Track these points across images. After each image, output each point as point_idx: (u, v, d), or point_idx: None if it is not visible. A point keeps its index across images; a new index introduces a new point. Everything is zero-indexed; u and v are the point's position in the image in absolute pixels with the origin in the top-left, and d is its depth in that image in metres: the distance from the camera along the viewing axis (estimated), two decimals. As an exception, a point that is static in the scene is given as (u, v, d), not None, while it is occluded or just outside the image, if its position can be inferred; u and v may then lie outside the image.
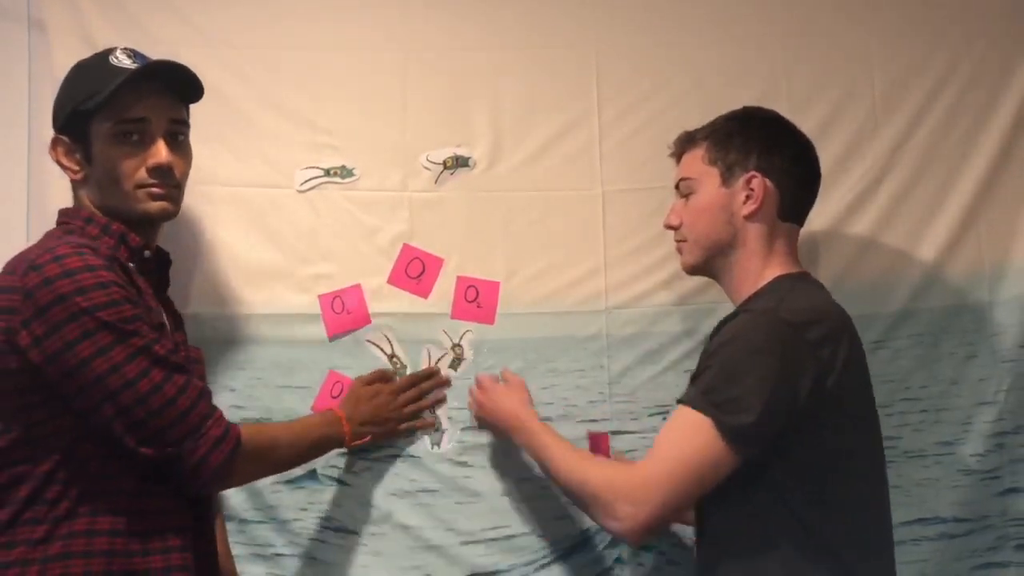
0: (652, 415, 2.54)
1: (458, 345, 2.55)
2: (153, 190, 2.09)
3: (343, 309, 2.53)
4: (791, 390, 1.94)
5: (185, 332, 2.29)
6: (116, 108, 2.07)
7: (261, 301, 2.52)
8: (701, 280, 2.50)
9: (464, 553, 2.48)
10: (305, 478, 2.47)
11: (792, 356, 1.96)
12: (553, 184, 2.64)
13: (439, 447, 2.52)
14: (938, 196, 2.63)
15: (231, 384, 2.49)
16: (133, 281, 2.02)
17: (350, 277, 2.56)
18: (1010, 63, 2.66)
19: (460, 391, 2.54)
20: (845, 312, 2.13)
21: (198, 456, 1.95)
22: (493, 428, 2.48)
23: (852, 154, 2.63)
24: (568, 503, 2.49)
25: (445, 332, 2.56)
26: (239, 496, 2.44)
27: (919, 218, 2.62)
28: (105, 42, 2.26)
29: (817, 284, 2.21)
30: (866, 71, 2.68)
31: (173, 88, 2.15)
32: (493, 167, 2.64)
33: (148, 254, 2.14)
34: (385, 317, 2.55)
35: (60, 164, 2.15)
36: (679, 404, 2.02)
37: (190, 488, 2.01)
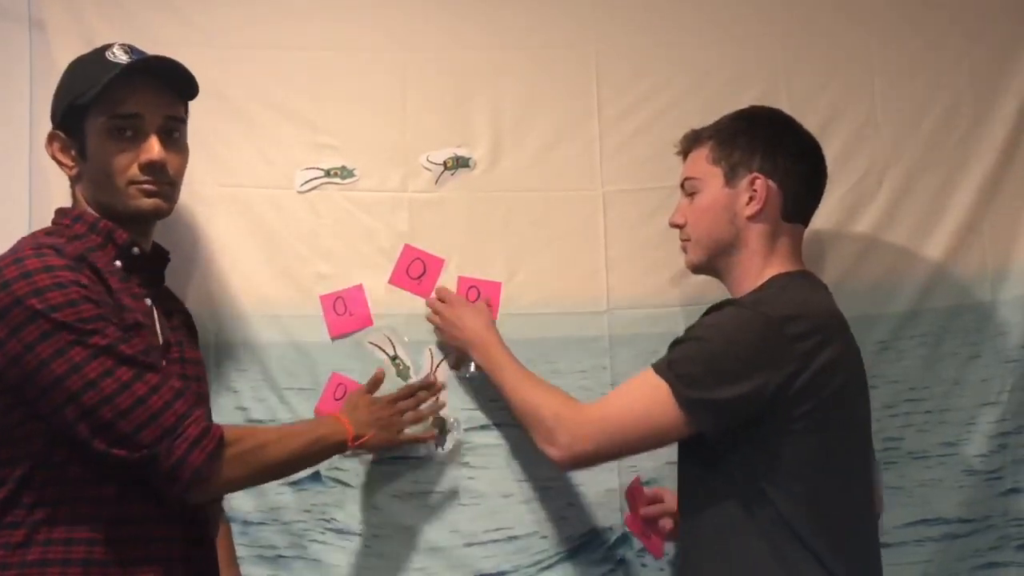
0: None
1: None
2: (146, 186, 2.07)
3: (345, 310, 2.52)
4: (757, 381, 1.96)
5: (191, 331, 2.29)
6: (110, 103, 2.05)
7: (262, 302, 2.51)
8: (702, 281, 2.49)
9: (467, 554, 2.48)
10: (308, 480, 2.46)
11: (765, 348, 1.98)
12: (553, 184, 2.63)
13: (442, 448, 2.50)
14: (939, 196, 2.63)
15: (234, 386, 2.48)
16: (104, 280, 1.98)
17: (351, 278, 2.55)
18: (1010, 63, 2.66)
19: (466, 393, 2.54)
20: (840, 314, 2.14)
21: (175, 457, 1.88)
22: (453, 343, 2.49)
23: (852, 154, 2.63)
24: (569, 504, 2.50)
25: (447, 333, 2.55)
26: (243, 498, 2.43)
27: (920, 219, 2.62)
28: (105, 41, 2.24)
29: (816, 284, 2.21)
30: (866, 71, 2.68)
31: (169, 84, 2.13)
32: (493, 167, 2.63)
33: (136, 251, 2.11)
34: (387, 318, 2.54)
35: (56, 160, 2.13)
36: (649, 367, 2.08)
37: (170, 492, 1.92)
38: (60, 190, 2.19)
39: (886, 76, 2.68)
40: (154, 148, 2.06)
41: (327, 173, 2.58)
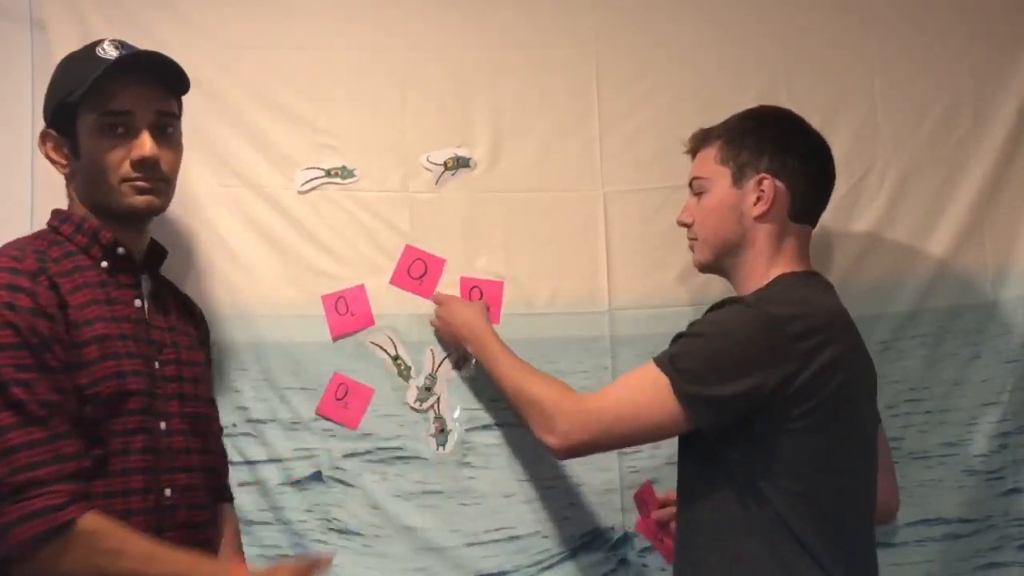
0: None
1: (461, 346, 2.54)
2: (138, 184, 2.05)
3: (347, 310, 2.52)
4: (757, 379, 1.96)
5: (194, 330, 2.28)
6: (101, 100, 2.03)
7: (263, 302, 2.51)
8: (704, 280, 2.51)
9: (468, 555, 2.48)
10: (310, 480, 2.47)
11: (766, 347, 1.98)
12: (554, 184, 2.63)
13: (444, 448, 2.51)
14: (940, 197, 2.63)
15: (236, 386, 2.47)
16: (60, 295, 1.94)
17: (351, 278, 2.55)
18: (1010, 63, 2.66)
19: (465, 393, 2.54)
20: (845, 314, 2.13)
21: (2, 522, 1.78)
22: (450, 339, 2.51)
23: (852, 154, 2.62)
24: (570, 504, 2.51)
25: (448, 333, 2.55)
26: (245, 497, 2.43)
27: (921, 219, 2.62)
28: (105, 41, 2.26)
29: (823, 284, 2.20)
30: (866, 71, 2.68)
31: (161, 80, 2.11)
32: (494, 167, 2.63)
33: (121, 251, 2.09)
34: (388, 318, 2.54)
35: (49, 159, 2.12)
36: (650, 360, 2.07)
37: None
38: (62, 190, 2.17)
39: (886, 76, 2.67)
40: (146, 144, 2.04)
41: (327, 173, 2.58)
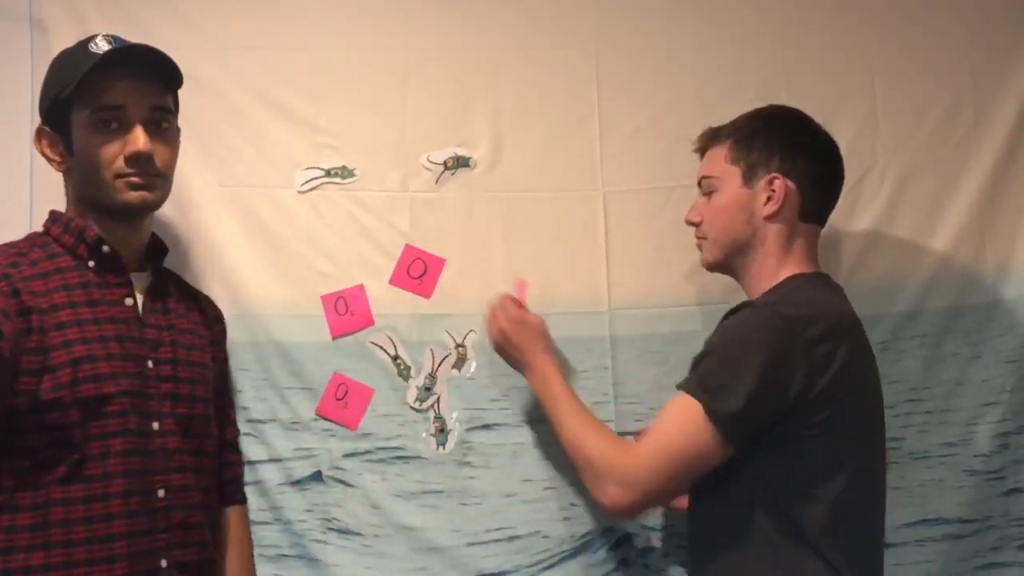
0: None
1: (461, 346, 2.54)
2: (132, 179, 2.04)
3: (346, 310, 2.52)
4: (780, 383, 1.95)
5: (204, 329, 2.29)
6: (93, 95, 2.02)
7: (263, 302, 2.51)
8: (704, 280, 2.52)
9: (468, 554, 2.48)
10: (310, 480, 2.47)
11: (785, 350, 1.97)
12: (554, 184, 2.63)
13: (444, 448, 2.51)
14: (940, 197, 2.63)
15: (237, 385, 2.47)
16: (21, 300, 1.94)
17: (352, 278, 2.55)
18: (1010, 63, 2.65)
19: (465, 393, 2.54)
20: (855, 315, 2.13)
21: None
22: (507, 356, 2.41)
23: (853, 154, 2.58)
24: (571, 504, 2.50)
25: (448, 333, 2.55)
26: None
27: (921, 219, 2.62)
28: (104, 41, 2.26)
29: (832, 285, 2.20)
30: (866, 71, 2.68)
31: (155, 74, 2.10)
32: (494, 167, 2.63)
33: (107, 249, 2.08)
34: (388, 318, 2.54)
35: (45, 156, 2.12)
36: (677, 389, 2.04)
37: None
38: (61, 190, 2.18)
39: (886, 76, 2.67)
40: (139, 139, 2.04)
41: (327, 173, 2.58)
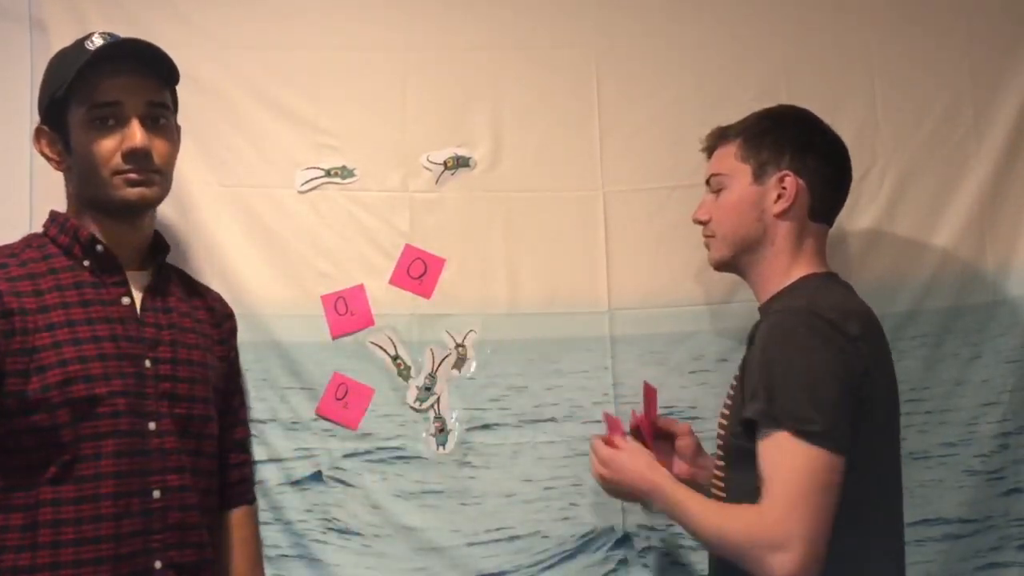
0: (657, 416, 2.53)
1: (461, 346, 2.54)
2: (130, 176, 2.04)
3: (346, 310, 2.52)
4: (852, 376, 1.93)
5: (211, 328, 2.29)
6: (89, 92, 2.02)
7: (263, 302, 2.50)
8: (704, 281, 2.52)
9: (468, 554, 2.48)
10: (310, 480, 2.47)
11: (840, 347, 1.94)
12: (554, 184, 2.63)
13: (444, 448, 2.51)
14: (940, 196, 2.63)
15: (237, 385, 2.48)
16: (3, 301, 1.96)
17: (351, 278, 2.55)
18: (1010, 63, 2.66)
19: (465, 393, 2.54)
20: (872, 311, 2.12)
21: None
22: (623, 495, 2.32)
23: (853, 154, 2.54)
24: (571, 504, 2.51)
25: (448, 333, 2.55)
26: (246, 497, 2.44)
27: (921, 219, 2.62)
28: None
29: (845, 284, 2.20)
30: (866, 71, 2.68)
31: (151, 70, 2.09)
32: (494, 167, 2.63)
33: (100, 248, 2.08)
34: (388, 318, 2.54)
35: (44, 155, 2.12)
36: (763, 429, 1.93)
37: None
38: (61, 190, 2.18)
39: (886, 76, 2.67)
40: (136, 135, 2.03)
41: (327, 173, 2.58)
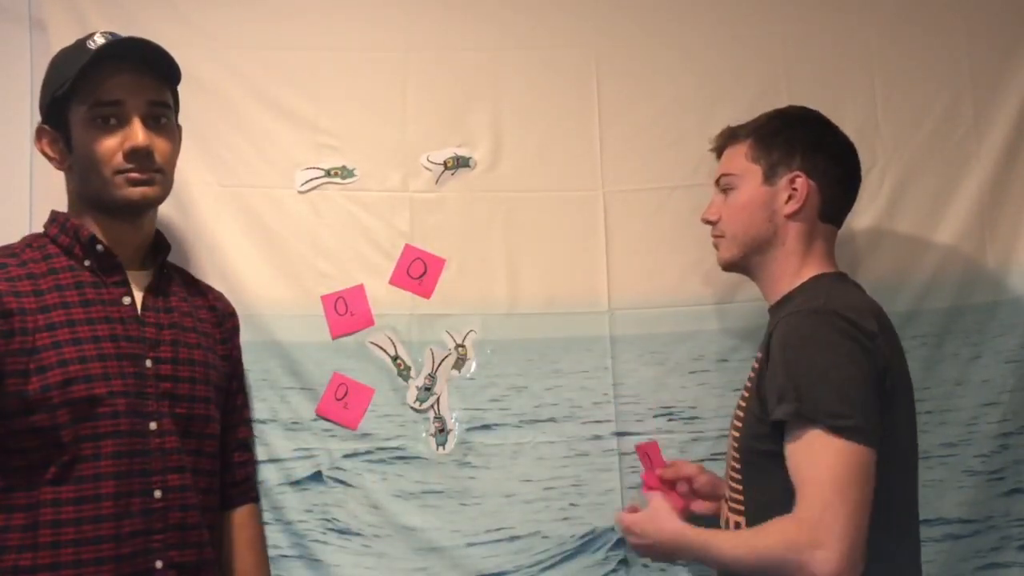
0: (657, 416, 2.55)
1: (461, 346, 2.54)
2: (132, 175, 2.04)
3: (346, 310, 2.52)
4: (876, 371, 1.94)
5: (213, 328, 2.29)
6: (90, 91, 2.02)
7: (263, 302, 2.50)
8: (705, 281, 2.53)
9: (468, 554, 2.48)
10: (310, 480, 2.47)
11: (862, 345, 1.95)
12: (554, 184, 2.63)
13: (444, 448, 2.51)
14: (940, 197, 2.63)
15: (238, 386, 2.47)
16: (2, 301, 1.96)
17: (351, 278, 2.55)
18: (1010, 63, 2.65)
19: (465, 393, 2.54)
20: (883, 309, 2.13)
21: None
22: (661, 559, 2.35)
23: None
24: (571, 504, 2.51)
25: (448, 333, 2.55)
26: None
27: (921, 219, 2.62)
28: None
29: (855, 284, 2.20)
30: (866, 71, 2.68)
31: (152, 69, 2.09)
32: (494, 167, 2.63)
33: (100, 248, 2.08)
34: (388, 318, 2.54)
35: (45, 155, 2.12)
36: (794, 430, 1.92)
37: None
38: (61, 191, 2.18)
39: (886, 76, 2.67)
40: (138, 134, 2.03)
41: (327, 173, 2.58)
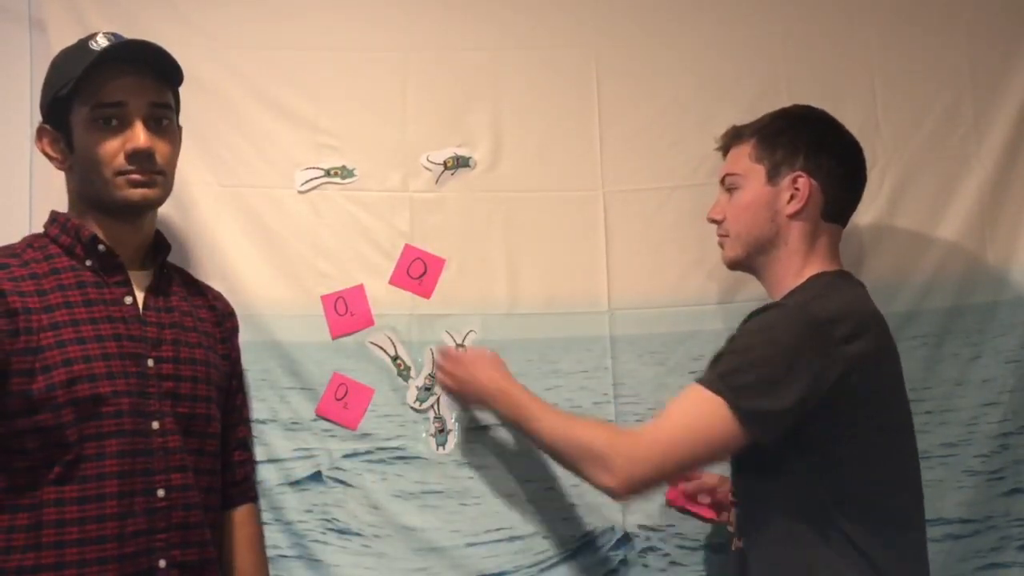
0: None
1: (461, 346, 2.54)
2: (133, 176, 2.04)
3: (346, 310, 2.52)
4: (809, 384, 1.94)
5: (213, 327, 2.29)
6: (92, 92, 2.02)
7: (262, 302, 2.50)
8: (704, 281, 2.53)
9: (468, 555, 2.48)
10: (309, 480, 2.47)
11: (816, 351, 1.96)
12: (554, 184, 2.63)
13: (444, 448, 2.51)
14: (941, 197, 2.62)
15: (238, 386, 2.47)
16: (6, 301, 1.95)
17: (351, 278, 2.55)
18: (1010, 63, 2.65)
19: (466, 393, 2.54)
20: (878, 311, 2.13)
21: None
22: (467, 398, 2.44)
23: None
24: (571, 504, 2.50)
25: (448, 333, 2.55)
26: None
27: (921, 219, 2.62)
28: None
29: (856, 283, 2.20)
30: (866, 71, 2.68)
31: (154, 70, 2.09)
32: (494, 167, 2.63)
33: (102, 248, 2.08)
34: (388, 318, 2.54)
35: (46, 154, 2.12)
36: (695, 383, 2.03)
37: None
38: (61, 191, 2.18)
39: (886, 76, 2.67)
40: (140, 136, 2.03)
41: (327, 173, 2.58)
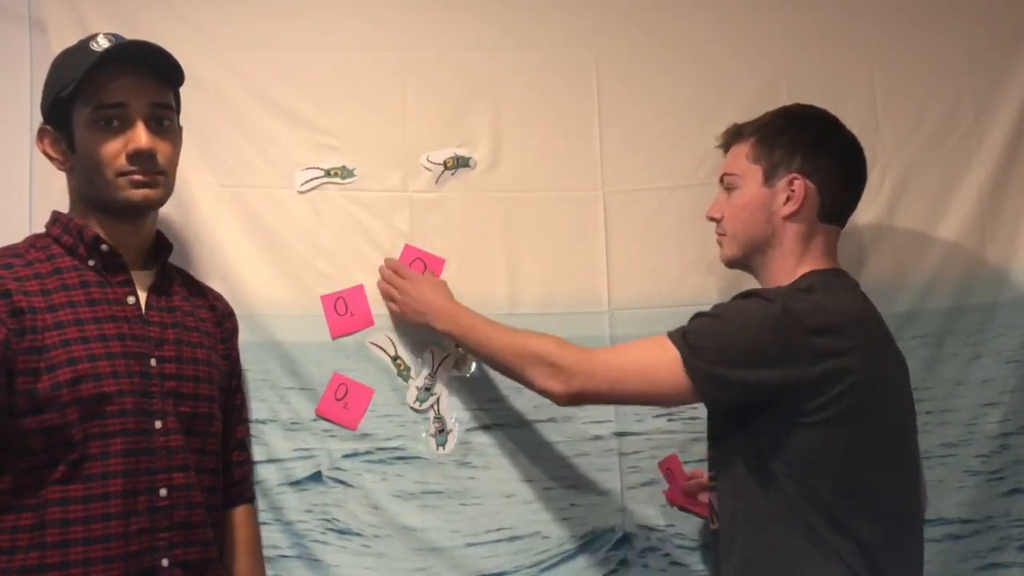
0: (657, 416, 2.54)
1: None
2: (135, 177, 2.04)
3: (346, 311, 2.51)
4: (763, 373, 1.97)
5: (213, 327, 2.29)
6: (94, 93, 2.02)
7: (262, 302, 2.49)
8: (704, 281, 2.53)
9: (468, 555, 2.48)
10: (309, 480, 2.47)
11: (778, 342, 1.98)
12: (554, 184, 2.63)
13: (444, 448, 2.51)
14: (941, 196, 2.63)
15: (237, 386, 2.47)
16: (12, 300, 1.95)
17: (351, 278, 2.54)
18: (1010, 62, 2.66)
19: (467, 393, 2.54)
20: (870, 310, 2.14)
21: None
22: (413, 318, 2.46)
23: None
24: (571, 504, 2.51)
25: (449, 333, 2.54)
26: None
27: (922, 219, 2.62)
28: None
29: (848, 282, 2.20)
30: (866, 71, 2.68)
31: (156, 71, 2.10)
32: (494, 167, 2.63)
33: (105, 248, 2.08)
34: (388, 318, 2.53)
35: (47, 155, 2.12)
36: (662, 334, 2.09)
37: None
38: (61, 191, 2.18)
39: (886, 76, 2.67)
40: (141, 136, 2.03)
41: (327, 173, 2.57)
